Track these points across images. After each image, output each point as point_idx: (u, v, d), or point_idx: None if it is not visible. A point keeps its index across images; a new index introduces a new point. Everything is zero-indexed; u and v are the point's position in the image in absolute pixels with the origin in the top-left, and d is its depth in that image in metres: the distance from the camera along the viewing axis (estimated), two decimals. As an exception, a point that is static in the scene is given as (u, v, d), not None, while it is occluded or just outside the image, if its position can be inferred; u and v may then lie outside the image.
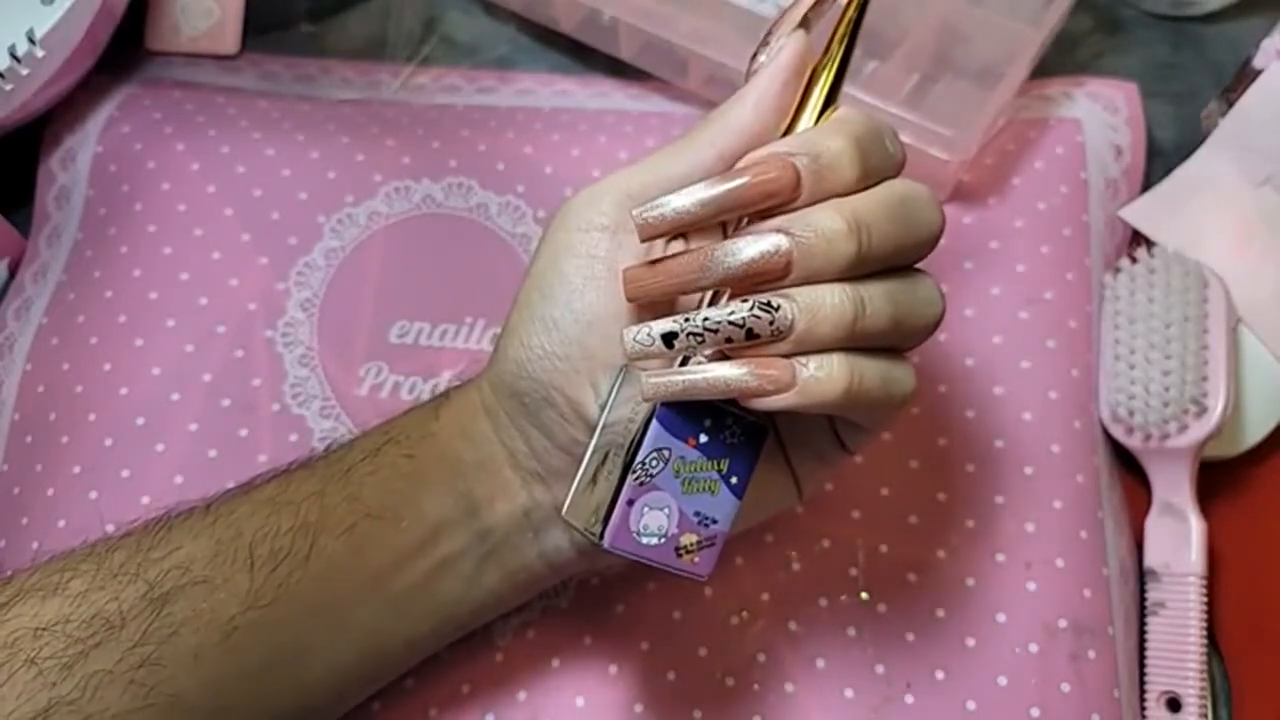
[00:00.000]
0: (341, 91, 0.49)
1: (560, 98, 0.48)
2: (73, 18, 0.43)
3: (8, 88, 0.43)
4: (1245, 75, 0.44)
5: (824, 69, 0.28)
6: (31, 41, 0.42)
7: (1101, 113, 0.46)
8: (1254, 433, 0.40)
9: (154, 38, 0.50)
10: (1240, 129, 0.43)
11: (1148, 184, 0.45)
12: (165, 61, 0.50)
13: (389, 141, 0.45)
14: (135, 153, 0.45)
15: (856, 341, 0.26)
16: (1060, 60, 0.48)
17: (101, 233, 0.43)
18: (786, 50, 0.28)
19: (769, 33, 0.29)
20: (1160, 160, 0.46)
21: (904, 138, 0.41)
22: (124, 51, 0.49)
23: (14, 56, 0.42)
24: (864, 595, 0.37)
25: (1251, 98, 0.43)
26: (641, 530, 0.26)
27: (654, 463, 0.26)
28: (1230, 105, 0.44)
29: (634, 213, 0.26)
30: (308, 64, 0.50)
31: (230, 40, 0.50)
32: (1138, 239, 0.43)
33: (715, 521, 0.27)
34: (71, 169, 0.46)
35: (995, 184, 0.43)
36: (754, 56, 0.29)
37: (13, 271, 0.45)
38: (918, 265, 0.28)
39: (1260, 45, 0.44)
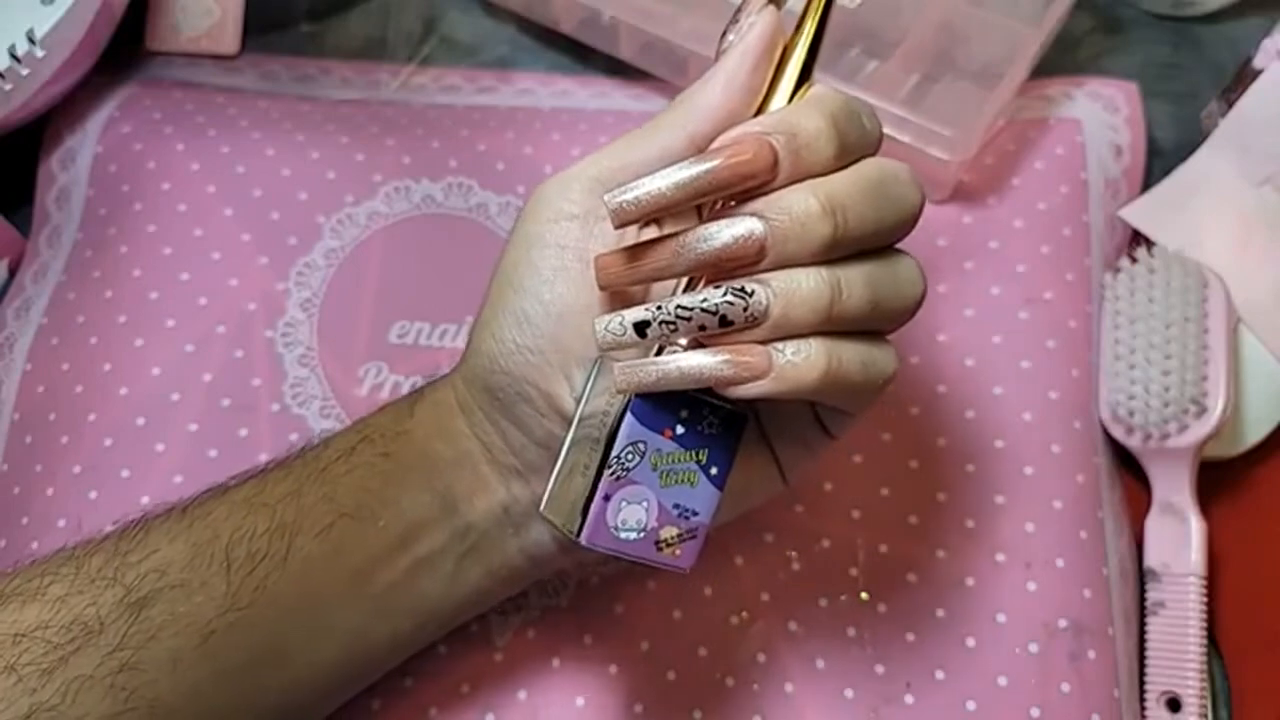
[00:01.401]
0: (341, 91, 0.49)
1: (560, 98, 0.48)
2: (73, 18, 0.43)
3: (8, 88, 0.43)
4: (1245, 75, 0.44)
5: (796, 45, 0.27)
6: (31, 41, 0.42)
7: (1101, 113, 0.46)
8: (1254, 433, 0.40)
9: (154, 38, 0.50)
10: (1240, 129, 0.43)
11: (1148, 184, 0.45)
12: (165, 61, 0.50)
13: (389, 141, 0.45)
14: (135, 153, 0.45)
15: (834, 325, 0.25)
16: (1060, 60, 0.48)
17: (101, 233, 0.43)
18: (756, 29, 0.27)
19: (739, 9, 0.28)
20: (1160, 160, 0.46)
21: (904, 138, 0.41)
22: (124, 51, 0.49)
23: (14, 56, 0.42)
24: (864, 595, 0.37)
25: (1251, 98, 0.43)
26: (619, 525, 0.26)
27: (629, 456, 0.26)
28: (1230, 105, 0.44)
29: (606, 198, 0.25)
30: (307, 64, 0.50)
31: (230, 40, 0.50)
32: (1138, 239, 0.43)
33: (696, 513, 0.27)
34: (71, 169, 0.46)
35: (995, 184, 0.43)
36: (723, 35, 0.28)
37: (13, 271, 0.45)
38: (898, 246, 0.27)
39: (1260, 45, 0.44)
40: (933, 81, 0.45)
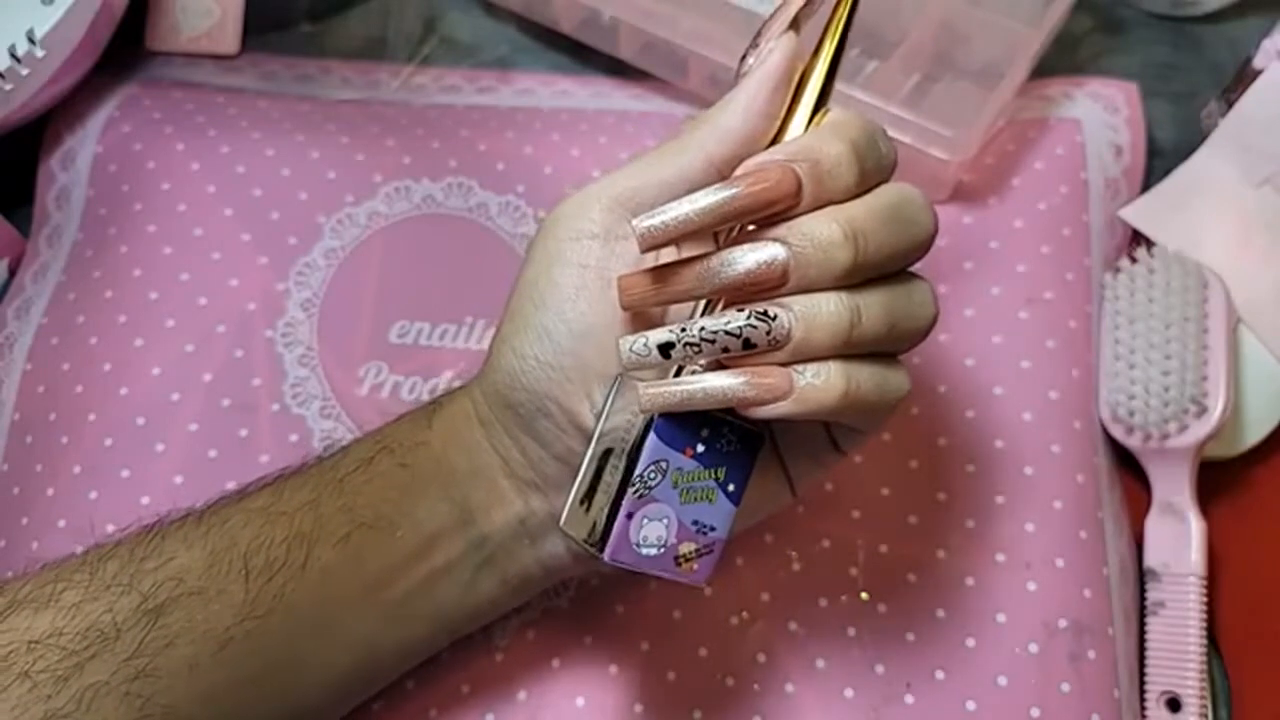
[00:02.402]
0: (341, 91, 0.49)
1: (560, 98, 0.48)
2: (73, 18, 0.43)
3: (8, 88, 0.43)
4: (1245, 75, 0.44)
5: (814, 70, 0.28)
6: (32, 41, 0.42)
7: (1101, 113, 0.46)
8: (1254, 433, 0.40)
9: (154, 37, 0.50)
10: (1240, 129, 0.43)
11: (1148, 184, 0.45)
12: (165, 61, 0.50)
13: (389, 141, 0.45)
14: (135, 153, 0.45)
15: (852, 349, 0.26)
16: (1060, 60, 0.48)
17: (101, 233, 0.43)
18: (776, 54, 0.27)
19: (758, 34, 0.28)
20: (1160, 160, 0.46)
21: (904, 138, 0.41)
22: (124, 51, 0.49)
23: (14, 56, 0.42)
24: (864, 595, 0.37)
25: (1251, 98, 0.43)
26: (641, 542, 0.26)
27: (652, 475, 0.26)
28: (1230, 105, 0.44)
29: (633, 224, 0.25)
30: (307, 64, 0.50)
31: (230, 40, 0.50)
32: (1138, 239, 0.43)
33: (713, 529, 0.27)
34: (71, 169, 0.46)
35: (995, 184, 0.43)
36: (743, 58, 0.28)
37: (13, 271, 0.45)
38: (912, 269, 0.28)
39: (1260, 45, 0.44)
40: (933, 82, 0.45)
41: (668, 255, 0.28)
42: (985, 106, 0.41)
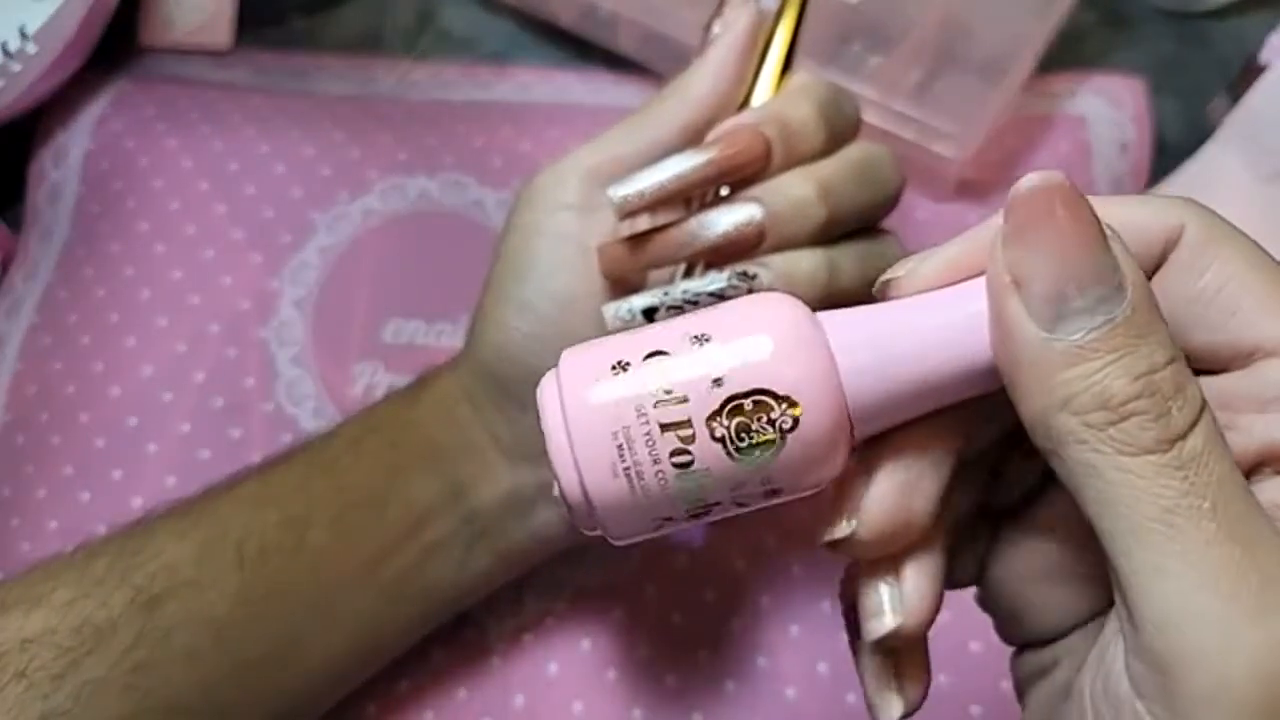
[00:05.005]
0: (336, 86, 0.48)
1: (558, 93, 0.48)
2: (65, 13, 0.43)
3: (0, 84, 0.42)
4: (1251, 71, 0.44)
5: (777, 35, 0.29)
6: (24, 37, 0.42)
7: (1107, 109, 0.45)
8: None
9: (146, 32, 0.49)
10: (1247, 125, 0.43)
11: (1154, 181, 0.45)
12: (158, 56, 0.49)
13: (384, 137, 0.45)
14: (127, 149, 0.44)
15: (830, 303, 0.26)
16: (1065, 56, 0.47)
17: (93, 230, 0.43)
18: (741, 20, 0.29)
19: (721, 4, 0.30)
20: (1166, 157, 0.46)
21: (907, 134, 0.40)
22: (116, 46, 0.48)
23: (6, 52, 0.42)
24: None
25: (1258, 94, 0.43)
26: None
27: None
28: (1236, 101, 0.44)
29: (610, 192, 0.26)
30: (302, 59, 0.49)
31: (223, 35, 0.49)
32: (1143, 236, 0.43)
33: None
34: (63, 166, 0.45)
35: (999, 181, 0.43)
36: (708, 27, 0.29)
37: (4, 269, 0.45)
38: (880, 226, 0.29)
39: (1266, 41, 0.44)
40: (936, 77, 0.45)
41: (643, 223, 0.28)
42: (989, 102, 0.41)
